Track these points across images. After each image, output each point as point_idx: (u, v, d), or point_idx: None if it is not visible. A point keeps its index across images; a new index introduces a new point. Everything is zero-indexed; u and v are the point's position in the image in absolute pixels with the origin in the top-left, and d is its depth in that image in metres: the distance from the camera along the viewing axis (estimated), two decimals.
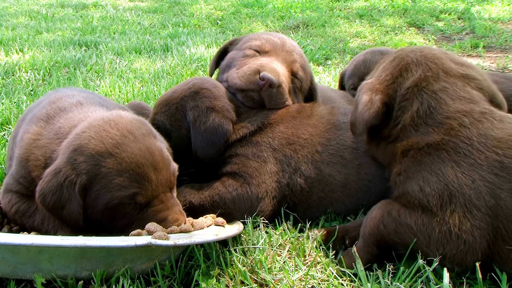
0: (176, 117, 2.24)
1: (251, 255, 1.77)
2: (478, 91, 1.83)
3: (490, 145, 1.64)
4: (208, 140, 2.15)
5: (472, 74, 1.87)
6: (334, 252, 1.81)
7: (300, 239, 1.92)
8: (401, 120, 1.85)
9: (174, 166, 1.85)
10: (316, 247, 1.85)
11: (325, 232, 1.91)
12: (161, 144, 1.84)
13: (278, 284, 1.62)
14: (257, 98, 2.27)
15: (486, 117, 1.72)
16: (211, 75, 2.72)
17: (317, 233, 1.91)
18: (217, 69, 2.67)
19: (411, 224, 1.67)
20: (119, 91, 3.87)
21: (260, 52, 2.42)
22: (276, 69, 2.27)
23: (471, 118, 1.72)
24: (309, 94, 2.57)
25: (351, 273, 1.69)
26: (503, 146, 1.63)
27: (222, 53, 2.62)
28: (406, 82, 1.87)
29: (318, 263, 1.76)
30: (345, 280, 1.66)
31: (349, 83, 3.10)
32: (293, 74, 2.42)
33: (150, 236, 1.56)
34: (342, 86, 3.24)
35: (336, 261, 1.77)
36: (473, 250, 1.59)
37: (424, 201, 1.66)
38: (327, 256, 1.79)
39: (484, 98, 1.82)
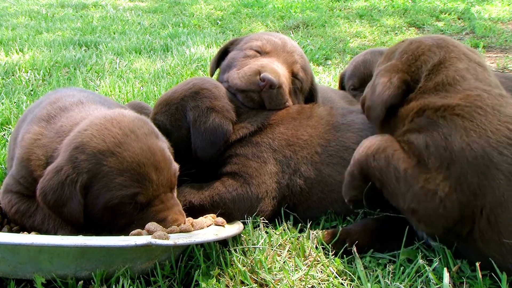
0: (176, 117, 2.24)
1: (251, 255, 1.77)
2: (492, 78, 1.90)
3: (503, 120, 1.66)
4: (208, 140, 2.15)
5: (484, 63, 1.95)
6: (334, 252, 1.81)
7: (300, 239, 1.92)
8: (422, 87, 1.87)
9: (175, 166, 1.85)
10: (316, 247, 1.85)
11: (327, 233, 1.92)
12: (163, 144, 1.84)
13: (278, 284, 1.62)
14: (258, 99, 2.27)
15: (504, 98, 1.76)
16: (211, 75, 2.72)
17: (319, 233, 1.92)
18: (218, 69, 2.67)
19: (399, 168, 1.69)
20: (119, 91, 3.87)
21: (261, 52, 2.42)
22: (276, 70, 2.27)
23: (490, 95, 1.75)
24: (310, 95, 2.57)
25: (351, 272, 1.69)
26: None
27: (223, 53, 2.62)
28: (430, 60, 1.91)
29: (318, 263, 1.76)
30: (345, 280, 1.66)
31: (349, 84, 3.10)
32: (294, 75, 2.42)
33: (150, 235, 1.57)
34: (342, 87, 3.24)
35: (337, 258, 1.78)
36: (447, 217, 1.62)
37: (424, 156, 1.68)
38: (327, 256, 1.79)
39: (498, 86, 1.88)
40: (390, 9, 7.88)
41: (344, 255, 1.79)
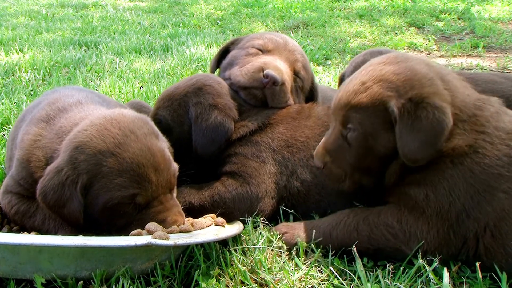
0: (178, 112, 2.24)
1: (251, 255, 1.77)
2: None
3: (502, 138, 1.70)
4: (209, 138, 2.15)
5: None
6: (334, 252, 1.81)
7: None
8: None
9: (175, 166, 1.84)
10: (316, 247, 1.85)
11: None
12: (163, 144, 1.84)
13: (278, 284, 1.62)
14: (260, 96, 2.27)
15: (491, 105, 1.80)
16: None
17: None
18: (218, 69, 2.67)
19: (392, 223, 1.73)
20: (119, 91, 3.87)
21: (263, 51, 2.43)
22: (279, 67, 2.28)
23: (489, 105, 1.78)
24: (310, 94, 2.58)
25: (351, 272, 1.69)
26: None
27: (224, 53, 2.62)
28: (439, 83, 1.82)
29: (318, 263, 1.76)
30: (345, 280, 1.66)
31: None
32: (295, 73, 2.43)
33: (150, 236, 1.57)
34: None
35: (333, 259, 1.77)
36: (452, 247, 1.70)
37: (422, 205, 1.72)
38: (327, 256, 1.79)
39: None
40: (390, 9, 7.88)
41: (344, 255, 1.79)
